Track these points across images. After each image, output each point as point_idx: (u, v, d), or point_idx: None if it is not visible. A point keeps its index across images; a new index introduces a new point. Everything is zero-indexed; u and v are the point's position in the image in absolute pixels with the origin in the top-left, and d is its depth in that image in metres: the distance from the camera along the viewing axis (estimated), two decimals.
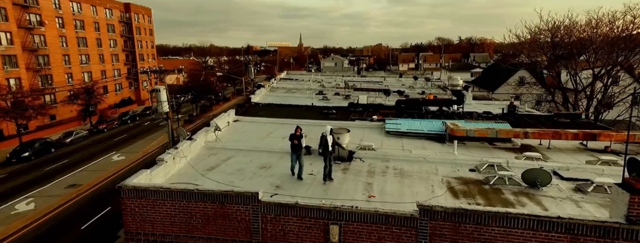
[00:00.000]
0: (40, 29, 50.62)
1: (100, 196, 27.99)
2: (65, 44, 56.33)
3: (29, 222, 23.34)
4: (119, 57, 71.45)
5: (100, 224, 23.47)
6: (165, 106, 19.71)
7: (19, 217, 24.19)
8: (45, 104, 46.41)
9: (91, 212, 25.04)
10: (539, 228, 7.28)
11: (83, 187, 29.84)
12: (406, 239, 8.03)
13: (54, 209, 25.44)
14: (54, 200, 27.02)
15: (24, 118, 40.05)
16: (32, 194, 28.20)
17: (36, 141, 39.71)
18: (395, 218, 8.01)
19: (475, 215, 7.58)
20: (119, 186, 9.13)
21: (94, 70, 62.89)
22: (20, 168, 34.96)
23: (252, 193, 8.61)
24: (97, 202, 26.79)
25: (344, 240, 8.34)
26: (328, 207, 8.37)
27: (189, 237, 9.03)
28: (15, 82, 44.48)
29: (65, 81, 55.53)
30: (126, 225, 9.25)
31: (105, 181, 31.14)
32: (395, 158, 13.60)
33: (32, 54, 49.33)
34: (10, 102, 39.31)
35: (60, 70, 54.72)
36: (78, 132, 46.12)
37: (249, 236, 8.75)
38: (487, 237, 7.60)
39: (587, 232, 7.04)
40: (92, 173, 33.13)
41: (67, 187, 29.87)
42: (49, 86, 52.04)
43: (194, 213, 8.91)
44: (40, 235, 21.90)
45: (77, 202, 26.93)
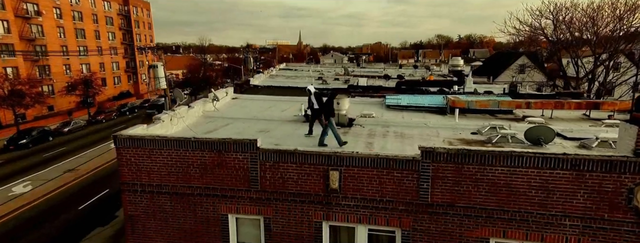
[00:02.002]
0: (38, 19, 50.34)
1: (98, 180, 27.80)
2: (63, 35, 56.04)
3: (26, 203, 23.15)
4: (117, 50, 71.14)
5: (98, 205, 23.28)
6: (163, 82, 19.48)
7: (16, 198, 23.98)
8: (42, 91, 46.12)
9: (89, 195, 24.85)
10: (544, 166, 7.11)
11: (81, 171, 29.64)
12: (408, 183, 7.86)
13: (51, 191, 25.24)
14: (51, 183, 26.81)
15: (21, 106, 39.76)
16: (29, 178, 27.99)
17: (34, 129, 39.49)
18: (397, 162, 7.83)
19: (478, 155, 7.40)
20: (115, 135, 8.94)
21: (92, 62, 62.54)
22: (18, 155, 34.72)
23: (250, 141, 8.42)
24: (94, 185, 26.60)
25: (344, 185, 8.16)
26: (328, 152, 8.19)
27: (186, 187, 8.84)
28: (12, 71, 44.17)
29: (63, 72, 55.23)
30: (122, 176, 9.05)
31: (103, 166, 30.93)
32: (396, 125, 13.42)
33: (29, 43, 49.04)
34: (8, 90, 39.03)
35: (58, 61, 54.42)
36: (76, 122, 45.91)
37: (248, 184, 8.57)
38: (491, 178, 7.43)
39: (593, 167, 6.87)
40: (90, 160, 32.92)
41: (64, 171, 29.65)
42: (47, 76, 51.75)
43: (191, 163, 8.72)
44: (37, 215, 21.69)
45: (75, 185, 26.72)
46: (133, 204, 9.15)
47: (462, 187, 7.61)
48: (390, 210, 8.05)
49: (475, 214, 7.64)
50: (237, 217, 8.96)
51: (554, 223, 7.27)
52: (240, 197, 8.67)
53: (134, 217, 9.21)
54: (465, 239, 7.80)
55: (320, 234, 8.52)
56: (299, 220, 8.55)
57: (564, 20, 26.90)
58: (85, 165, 31.25)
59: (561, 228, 7.25)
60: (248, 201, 8.66)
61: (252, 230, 9.01)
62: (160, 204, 9.05)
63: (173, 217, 9.07)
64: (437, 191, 7.75)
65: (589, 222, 7.09)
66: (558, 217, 7.22)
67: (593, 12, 25.99)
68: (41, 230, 19.91)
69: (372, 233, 8.44)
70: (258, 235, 8.94)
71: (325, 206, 8.33)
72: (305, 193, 8.37)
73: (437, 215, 7.85)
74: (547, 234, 7.34)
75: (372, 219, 8.17)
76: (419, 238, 8.03)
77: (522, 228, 7.45)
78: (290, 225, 8.61)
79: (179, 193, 8.90)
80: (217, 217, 8.89)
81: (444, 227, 7.86)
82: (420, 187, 7.79)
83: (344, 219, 8.31)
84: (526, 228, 7.43)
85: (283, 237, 8.68)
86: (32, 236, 19.27)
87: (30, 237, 19.15)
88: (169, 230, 9.15)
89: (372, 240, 8.51)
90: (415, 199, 7.88)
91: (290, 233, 8.64)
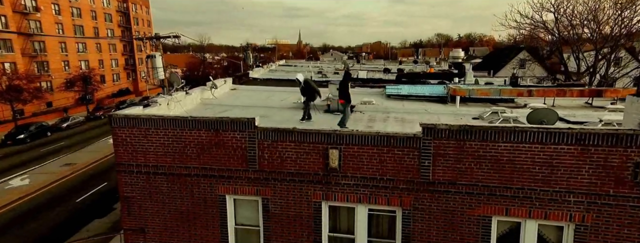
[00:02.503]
0: (36, 15, 50.12)
1: (96, 173, 27.63)
2: (62, 31, 55.84)
3: (23, 195, 22.98)
4: (116, 47, 70.95)
5: (96, 198, 23.12)
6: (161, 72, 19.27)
7: (13, 191, 23.81)
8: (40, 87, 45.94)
9: (86, 188, 24.69)
10: (548, 141, 6.96)
11: (79, 165, 29.46)
12: (408, 161, 7.70)
13: (48, 184, 25.08)
14: (49, 176, 26.64)
15: (19, 101, 39.57)
16: (27, 172, 27.81)
17: (32, 125, 39.33)
18: (397, 139, 7.67)
19: (480, 131, 7.25)
20: (110, 114, 8.78)
21: (91, 59, 62.32)
22: (16, 150, 34.54)
23: (248, 119, 8.26)
24: (92, 179, 26.43)
25: (344, 164, 8.00)
26: (327, 130, 8.03)
27: (183, 167, 8.68)
28: (10, 66, 43.97)
29: (62, 68, 55.02)
30: (118, 156, 8.89)
31: (102, 160, 30.75)
32: (396, 111, 13.29)
33: (28, 39, 48.82)
34: (6, 85, 38.84)
35: (56, 57, 54.22)
36: (75, 118, 45.76)
37: (246, 164, 8.41)
38: (493, 154, 7.27)
39: (599, 141, 6.71)
40: (88, 154, 32.74)
41: (62, 165, 29.49)
42: (45, 72, 51.56)
43: (188, 143, 8.55)
44: (34, 207, 21.52)
45: (73, 179, 26.55)
46: (129, 185, 8.99)
47: (464, 164, 7.45)
48: (390, 189, 7.89)
49: (477, 192, 7.49)
50: (235, 198, 8.80)
51: (558, 199, 7.12)
52: (238, 177, 8.51)
53: (130, 198, 9.04)
54: (467, 217, 7.65)
55: (320, 215, 8.36)
56: (297, 201, 8.39)
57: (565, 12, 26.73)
58: (83, 159, 31.06)
59: (565, 204, 7.10)
60: (246, 181, 8.50)
61: (250, 211, 8.84)
62: (156, 185, 8.89)
63: (170, 198, 8.91)
64: (439, 169, 7.59)
65: (593, 198, 6.94)
66: (562, 193, 7.07)
67: (594, 4, 25.81)
68: (39, 221, 19.74)
69: (372, 214, 8.29)
70: (256, 216, 8.78)
71: (324, 186, 8.17)
72: (304, 172, 8.20)
73: (439, 193, 7.69)
74: (551, 211, 7.19)
75: (373, 198, 8.02)
76: (420, 217, 7.88)
77: (526, 206, 7.30)
78: (289, 205, 8.45)
79: (176, 173, 8.74)
80: (215, 198, 8.73)
81: (446, 205, 7.71)
82: (422, 164, 7.64)
83: (343, 199, 8.15)
84: (529, 205, 7.27)
85: (282, 217, 8.53)
86: (31, 226, 19.10)
87: (28, 228, 18.98)
88: (165, 211, 8.99)
89: (372, 220, 8.36)
90: (416, 177, 7.73)
91: (289, 214, 8.48)
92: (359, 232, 8.33)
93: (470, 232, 7.70)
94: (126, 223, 9.20)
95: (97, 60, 64.08)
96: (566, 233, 7.33)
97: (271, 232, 8.65)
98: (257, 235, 8.85)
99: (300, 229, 8.51)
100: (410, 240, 8.00)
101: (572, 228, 7.21)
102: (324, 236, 8.48)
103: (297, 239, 8.57)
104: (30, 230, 18.78)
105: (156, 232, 9.12)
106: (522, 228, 7.53)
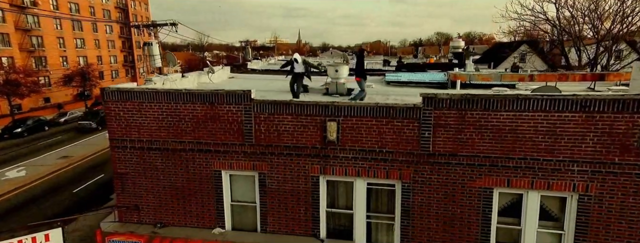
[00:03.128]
0: (34, 10, 49.83)
1: (94, 166, 27.40)
2: (60, 27, 55.55)
3: (20, 186, 22.75)
4: (115, 43, 70.68)
5: (93, 188, 22.91)
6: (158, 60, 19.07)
7: (9, 182, 23.60)
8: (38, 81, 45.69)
9: (83, 179, 24.46)
10: (551, 108, 6.78)
11: (76, 158, 29.21)
12: (408, 132, 7.52)
13: (45, 175, 24.84)
14: (46, 168, 26.40)
15: (17, 95, 39.30)
16: (24, 164, 27.58)
17: (29, 119, 39.07)
18: (397, 110, 7.49)
19: (482, 100, 7.07)
20: (103, 88, 8.59)
21: (89, 55, 61.99)
22: (13, 143, 34.28)
23: (244, 91, 8.08)
24: (89, 171, 26.21)
25: (342, 137, 7.81)
26: (325, 102, 7.84)
27: (177, 142, 8.49)
28: (7, 60, 43.71)
29: (60, 64, 54.73)
30: (110, 132, 8.70)
31: (99, 153, 30.51)
32: (396, 94, 13.11)
33: (25, 33, 48.56)
34: (2, 79, 38.58)
35: (54, 52, 53.93)
36: (73, 113, 45.50)
37: (242, 138, 8.22)
38: (495, 124, 7.09)
39: (604, 107, 6.53)
40: (86, 147, 32.50)
41: (59, 158, 29.26)
42: (43, 68, 51.30)
43: (182, 116, 8.36)
44: (31, 198, 21.31)
45: (69, 170, 26.32)
46: (122, 161, 8.80)
47: (465, 134, 7.27)
48: (390, 161, 7.71)
49: (478, 163, 7.31)
50: (231, 174, 8.61)
51: (561, 169, 6.94)
52: (233, 151, 8.32)
53: (123, 175, 8.86)
54: (468, 190, 7.47)
55: (318, 189, 8.18)
56: (295, 175, 8.21)
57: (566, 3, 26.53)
58: (80, 152, 30.84)
59: (569, 174, 6.92)
60: (242, 156, 8.31)
61: (246, 187, 8.66)
62: (150, 161, 8.70)
63: (164, 174, 8.72)
64: (439, 140, 7.41)
65: (598, 166, 6.76)
66: (566, 162, 6.89)
67: None
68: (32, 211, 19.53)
69: (371, 188, 8.10)
70: (253, 192, 8.59)
71: (322, 159, 7.99)
72: (302, 146, 8.02)
73: (439, 165, 7.51)
74: (554, 181, 7.01)
75: (371, 172, 7.83)
76: (419, 190, 7.70)
77: (528, 176, 7.12)
78: (286, 180, 8.26)
79: (170, 149, 8.55)
80: (210, 173, 8.54)
81: (446, 177, 7.53)
82: (422, 136, 7.46)
83: (342, 172, 7.97)
84: (532, 175, 7.10)
85: (279, 193, 8.34)
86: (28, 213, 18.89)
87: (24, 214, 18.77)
88: (160, 188, 8.80)
89: (371, 194, 8.18)
90: (416, 149, 7.55)
91: (286, 189, 8.30)
92: (358, 207, 8.15)
93: (471, 204, 7.52)
94: (120, 200, 9.01)
95: (95, 56, 63.78)
96: (569, 204, 7.15)
97: (268, 208, 8.47)
98: (253, 212, 8.66)
99: (297, 205, 8.33)
100: (409, 213, 7.82)
101: (576, 198, 7.03)
102: (321, 211, 8.30)
103: (294, 215, 8.39)
104: (28, 218, 18.56)
105: (150, 209, 8.94)
106: (524, 200, 7.36)
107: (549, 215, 7.46)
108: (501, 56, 38.29)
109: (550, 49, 34.19)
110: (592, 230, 7.02)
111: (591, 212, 6.97)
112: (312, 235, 8.36)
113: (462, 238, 7.69)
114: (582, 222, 7.05)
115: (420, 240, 7.90)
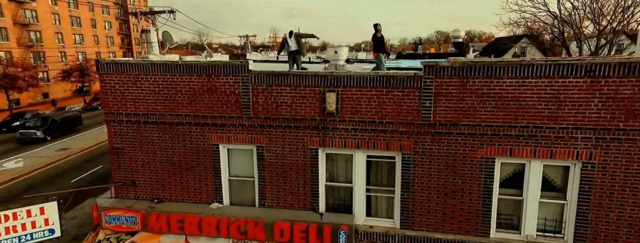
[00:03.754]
0: (32, 4, 49.63)
1: (92, 157, 27.27)
2: (58, 22, 55.35)
3: (17, 176, 22.62)
4: (114, 40, 70.48)
5: (90, 179, 22.78)
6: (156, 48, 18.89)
7: (6, 172, 23.47)
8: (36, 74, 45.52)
9: (81, 170, 24.34)
10: (555, 74, 6.65)
11: (74, 150, 29.08)
12: (409, 102, 7.39)
13: (43, 166, 24.72)
14: (44, 159, 26.27)
15: (14, 89, 39.14)
16: (22, 155, 27.45)
17: (27, 113, 38.91)
18: (398, 79, 7.36)
19: (485, 67, 6.94)
20: (97, 59, 8.44)
21: (88, 51, 61.80)
22: (10, 136, 34.10)
23: (242, 62, 7.95)
24: (88, 162, 26.08)
25: (342, 108, 7.68)
26: (324, 72, 7.71)
27: (174, 116, 8.35)
28: (5, 54, 43.50)
29: (59, 60, 54.52)
30: (106, 105, 8.56)
31: (98, 145, 30.37)
32: None
33: (23, 28, 48.35)
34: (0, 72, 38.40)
35: (53, 48, 53.71)
36: (72, 107, 45.37)
37: (239, 111, 8.08)
38: (498, 91, 6.96)
39: (609, 72, 6.40)
40: (84, 140, 32.35)
41: (58, 150, 29.12)
42: (42, 63, 51.12)
43: (179, 89, 8.23)
44: (28, 187, 21.18)
45: (68, 162, 26.20)
46: (118, 136, 8.66)
47: (466, 103, 7.14)
48: (390, 132, 7.58)
49: (480, 132, 7.18)
50: (229, 148, 8.47)
51: (565, 137, 6.81)
52: (231, 124, 8.18)
53: (119, 150, 8.72)
54: (470, 160, 7.34)
55: (317, 163, 8.05)
56: (293, 148, 8.08)
57: None
58: (79, 145, 30.69)
59: (572, 142, 6.79)
60: (240, 129, 8.18)
61: (244, 161, 8.52)
62: (147, 135, 8.56)
63: (161, 149, 8.58)
64: (440, 109, 7.28)
65: (602, 133, 6.63)
66: (569, 130, 6.76)
67: None
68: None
69: (370, 160, 7.97)
70: (251, 166, 8.46)
71: (321, 131, 7.86)
72: (301, 118, 7.89)
73: (440, 135, 7.38)
74: (557, 149, 6.88)
75: (371, 143, 7.70)
76: (420, 162, 7.57)
77: (530, 145, 6.99)
78: (285, 153, 8.13)
79: (167, 122, 8.41)
80: (208, 147, 8.40)
81: (447, 148, 7.40)
82: (423, 105, 7.32)
83: (341, 145, 7.84)
84: (534, 144, 6.97)
85: (277, 166, 8.21)
86: None
87: None
88: (156, 163, 8.67)
89: (371, 167, 8.05)
90: (416, 120, 7.42)
91: (284, 162, 8.17)
92: (357, 180, 8.02)
93: (472, 175, 7.40)
94: (116, 176, 8.88)
95: (94, 52, 63.50)
96: (572, 173, 7.02)
97: (266, 182, 8.34)
98: (251, 186, 8.53)
99: (296, 178, 8.20)
100: (409, 185, 7.69)
101: (579, 166, 6.90)
102: (320, 185, 8.17)
103: (293, 189, 8.26)
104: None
105: (147, 185, 8.81)
106: (527, 170, 7.23)
107: (551, 185, 7.33)
108: (501, 49, 38.17)
109: (552, 42, 34.09)
110: (595, 198, 6.89)
111: (594, 180, 6.84)
112: (311, 209, 8.24)
113: (463, 210, 7.56)
114: (585, 190, 6.93)
115: (420, 213, 7.77)
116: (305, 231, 7.80)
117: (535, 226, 7.39)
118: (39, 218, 7.84)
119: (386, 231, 7.95)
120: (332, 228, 7.72)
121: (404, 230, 7.90)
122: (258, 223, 7.98)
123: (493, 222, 7.55)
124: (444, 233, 7.72)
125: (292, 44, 10.02)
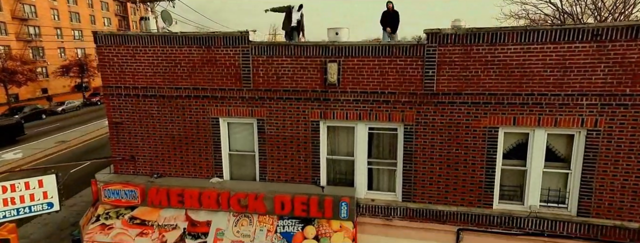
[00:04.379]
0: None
1: (91, 149, 27.16)
2: (57, 17, 55.18)
3: (15, 166, 22.50)
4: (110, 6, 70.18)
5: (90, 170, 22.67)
6: None
7: (4, 163, 23.36)
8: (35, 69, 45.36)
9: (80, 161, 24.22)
10: (561, 39, 6.55)
11: (73, 142, 28.97)
12: (411, 72, 7.29)
13: (41, 157, 24.62)
14: (43, 151, 26.16)
15: (13, 82, 38.98)
16: (20, 147, 27.34)
17: (26, 107, 38.79)
18: (400, 48, 7.26)
19: (489, 33, 6.84)
20: (94, 31, 8.34)
21: (87, 47, 61.61)
22: None
23: (242, 33, 7.84)
24: (87, 154, 25.96)
25: (343, 79, 7.59)
26: (325, 42, 7.62)
27: (173, 89, 8.25)
28: (3, 49, 43.34)
29: (58, 55, 54.40)
30: (104, 79, 8.46)
31: (97, 138, 30.28)
32: None
33: (22, 23, 48.17)
34: None
35: (52, 43, 53.53)
36: (71, 102, 45.18)
37: (239, 83, 7.98)
38: (502, 58, 6.87)
39: (616, 35, 6.31)
40: (83, 133, 32.25)
41: (56, 142, 29.00)
42: (41, 58, 50.97)
43: (178, 61, 8.13)
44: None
45: (66, 153, 26.07)
46: (117, 110, 8.56)
47: (470, 72, 7.04)
48: (392, 103, 7.48)
49: (483, 101, 7.09)
50: (229, 122, 8.37)
51: (570, 104, 6.72)
52: (231, 97, 8.08)
53: (118, 124, 8.62)
54: (473, 130, 7.25)
55: (318, 135, 7.95)
56: (294, 121, 7.98)
57: None
58: (78, 138, 30.58)
59: (577, 108, 6.70)
60: (240, 101, 8.08)
61: (244, 135, 8.42)
62: (146, 109, 8.46)
63: (160, 123, 8.48)
64: (443, 79, 7.19)
65: (608, 99, 6.54)
66: (574, 96, 6.67)
67: None
68: None
69: (372, 133, 7.88)
70: (251, 140, 8.36)
71: (323, 103, 7.76)
72: (302, 89, 7.79)
73: (443, 105, 7.29)
74: (562, 117, 6.79)
75: (373, 115, 7.61)
76: (422, 133, 7.47)
77: (534, 113, 6.90)
78: (286, 126, 8.03)
79: (166, 95, 8.31)
80: (208, 121, 8.30)
81: (450, 118, 7.31)
82: (425, 75, 7.23)
83: (342, 116, 7.74)
84: (539, 112, 6.87)
85: (278, 139, 8.11)
86: None
87: None
88: (156, 137, 8.57)
89: (372, 140, 7.95)
90: (419, 90, 7.32)
91: (285, 135, 8.07)
92: (359, 153, 7.92)
93: (475, 145, 7.30)
94: (115, 151, 8.77)
95: (93, 48, 63.34)
96: (577, 142, 6.93)
97: (267, 155, 8.24)
98: (252, 160, 8.43)
99: (297, 151, 8.10)
100: (412, 157, 7.60)
101: (584, 134, 6.81)
102: (322, 158, 8.08)
103: (294, 163, 8.16)
104: None
105: (147, 160, 8.71)
106: (531, 139, 7.13)
107: (555, 155, 7.23)
108: None
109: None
110: (600, 166, 6.80)
111: (599, 148, 6.75)
112: (312, 182, 8.14)
113: (466, 181, 7.47)
114: (589, 159, 6.84)
115: (422, 185, 7.68)
116: (306, 203, 7.71)
117: (539, 197, 7.31)
118: (37, 191, 7.74)
119: (387, 204, 7.85)
120: (334, 200, 7.63)
121: (406, 202, 7.81)
122: (258, 196, 7.88)
123: (496, 193, 7.46)
124: (446, 205, 7.63)
125: (295, 19, 9.75)
